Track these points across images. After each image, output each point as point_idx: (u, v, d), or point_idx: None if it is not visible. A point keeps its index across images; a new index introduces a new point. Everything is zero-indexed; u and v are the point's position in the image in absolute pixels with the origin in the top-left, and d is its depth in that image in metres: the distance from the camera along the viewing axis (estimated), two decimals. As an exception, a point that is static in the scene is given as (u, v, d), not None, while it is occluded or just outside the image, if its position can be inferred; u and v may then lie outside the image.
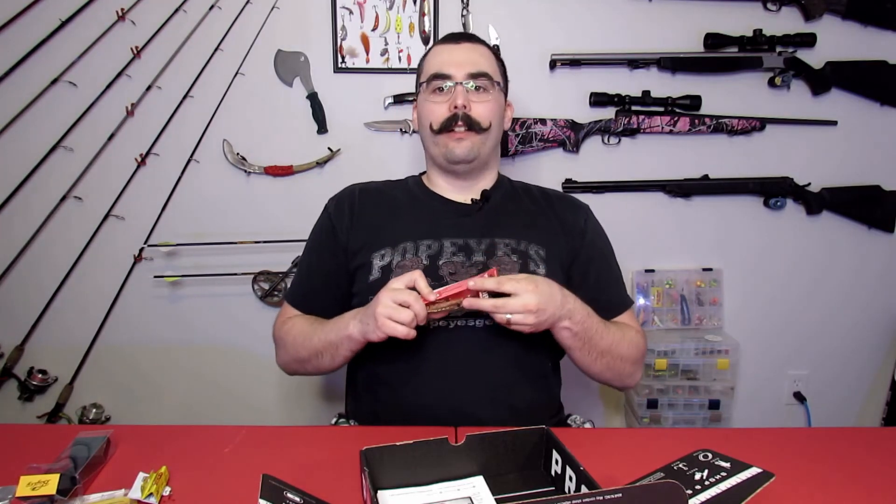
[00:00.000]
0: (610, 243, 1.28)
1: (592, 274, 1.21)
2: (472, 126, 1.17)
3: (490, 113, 1.19)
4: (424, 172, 1.33)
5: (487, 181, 1.26)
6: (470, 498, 0.82)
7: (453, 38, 1.23)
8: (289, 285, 1.34)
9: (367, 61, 1.75)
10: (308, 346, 1.13)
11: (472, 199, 1.23)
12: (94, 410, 1.88)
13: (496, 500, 0.82)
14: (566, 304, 1.03)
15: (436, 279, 1.11)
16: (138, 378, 1.92)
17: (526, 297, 0.97)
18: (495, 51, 1.26)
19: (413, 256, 1.14)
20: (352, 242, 1.20)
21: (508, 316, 0.97)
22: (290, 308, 1.24)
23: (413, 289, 0.98)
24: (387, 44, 1.75)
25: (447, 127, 1.17)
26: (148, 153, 1.76)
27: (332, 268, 1.22)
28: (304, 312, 1.22)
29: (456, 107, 1.15)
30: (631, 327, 1.20)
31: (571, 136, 1.80)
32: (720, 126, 1.79)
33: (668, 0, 1.76)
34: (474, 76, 1.17)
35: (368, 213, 1.23)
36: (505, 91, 1.26)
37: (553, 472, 0.85)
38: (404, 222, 1.20)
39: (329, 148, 1.80)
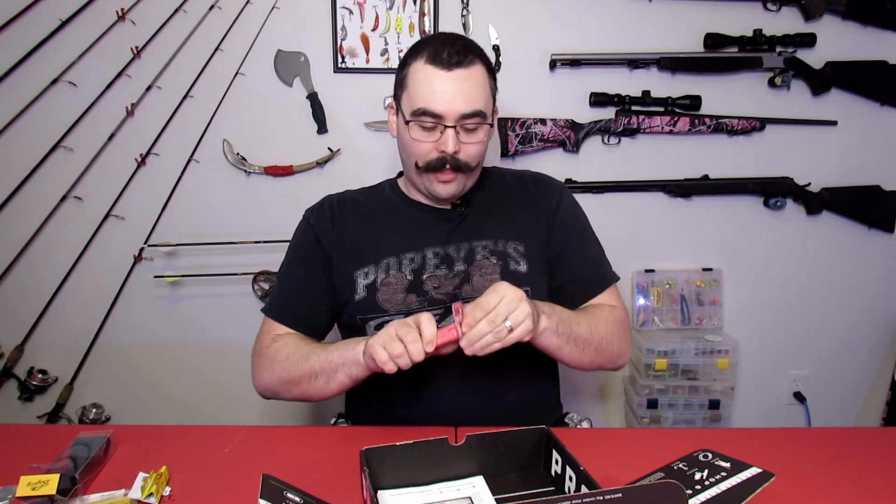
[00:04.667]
0: (587, 221, 1.24)
1: (568, 253, 1.18)
2: (461, 168, 1.10)
3: (480, 153, 1.12)
4: (401, 174, 1.27)
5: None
6: (470, 498, 0.82)
7: (445, 63, 1.05)
8: (269, 300, 1.24)
9: (367, 61, 1.75)
10: (303, 366, 1.05)
11: (451, 204, 1.19)
12: (94, 410, 1.88)
13: (496, 500, 0.82)
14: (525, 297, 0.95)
15: (420, 294, 1.11)
16: (138, 378, 1.92)
17: (492, 296, 0.92)
18: (487, 61, 1.11)
19: (397, 272, 1.12)
20: (335, 257, 1.16)
21: (509, 324, 0.91)
22: (275, 324, 1.16)
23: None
24: (387, 44, 1.74)
25: (434, 167, 1.10)
26: (148, 153, 1.76)
27: (321, 281, 1.16)
28: (292, 328, 1.15)
29: (444, 151, 1.07)
30: (601, 305, 1.15)
31: (571, 136, 1.80)
32: (720, 126, 1.79)
33: (668, 0, 1.76)
34: (467, 116, 1.06)
35: (349, 227, 1.18)
36: (493, 98, 1.14)
37: (553, 472, 0.85)
38: (385, 236, 1.16)
39: (329, 148, 1.80)
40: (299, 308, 1.16)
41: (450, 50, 1.05)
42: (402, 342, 0.89)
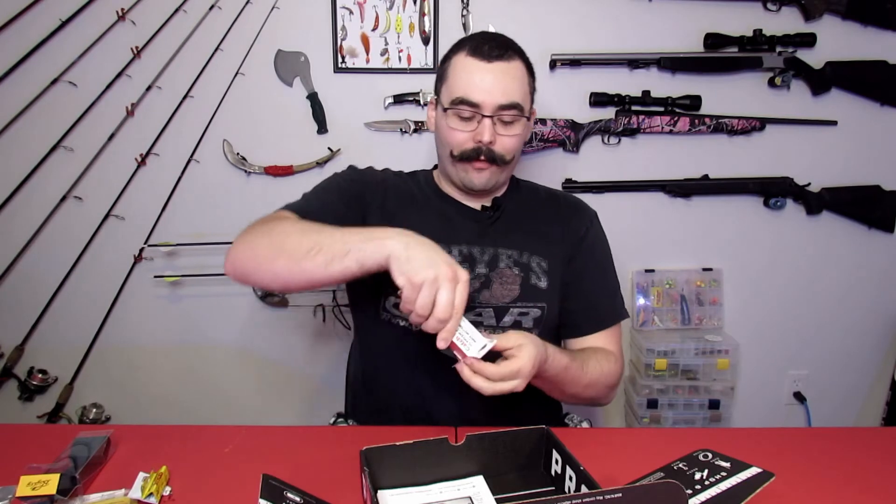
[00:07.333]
0: (610, 254, 1.25)
1: (585, 282, 1.19)
2: (495, 160, 1.11)
3: (515, 147, 1.13)
4: (436, 167, 1.28)
5: (500, 189, 1.23)
6: (470, 498, 0.82)
7: (485, 55, 1.08)
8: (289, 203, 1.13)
9: (367, 61, 1.75)
10: (308, 237, 0.93)
11: (482, 206, 1.19)
12: (94, 410, 1.88)
13: (496, 500, 0.82)
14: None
15: None
16: (138, 378, 1.93)
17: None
18: (526, 59, 1.14)
19: None
20: (370, 219, 1.14)
21: (508, 386, 0.89)
22: (286, 212, 1.06)
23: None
24: (387, 44, 1.74)
25: (468, 157, 1.11)
26: (148, 153, 1.76)
27: (350, 216, 1.10)
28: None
29: (480, 141, 1.09)
30: (600, 357, 1.12)
31: (571, 136, 1.80)
32: (720, 126, 1.79)
33: (668, 0, 1.76)
34: (505, 108, 1.08)
35: (390, 200, 1.18)
36: (531, 96, 1.17)
37: (553, 472, 0.85)
38: (415, 222, 1.13)
39: (329, 148, 1.80)
40: (319, 217, 1.03)
41: (491, 44, 1.09)
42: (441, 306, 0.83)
